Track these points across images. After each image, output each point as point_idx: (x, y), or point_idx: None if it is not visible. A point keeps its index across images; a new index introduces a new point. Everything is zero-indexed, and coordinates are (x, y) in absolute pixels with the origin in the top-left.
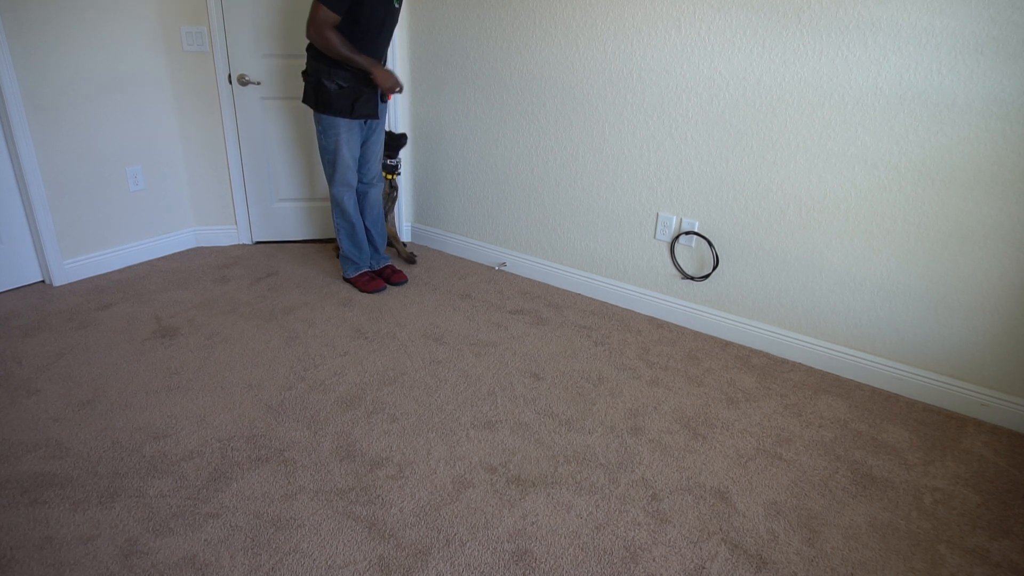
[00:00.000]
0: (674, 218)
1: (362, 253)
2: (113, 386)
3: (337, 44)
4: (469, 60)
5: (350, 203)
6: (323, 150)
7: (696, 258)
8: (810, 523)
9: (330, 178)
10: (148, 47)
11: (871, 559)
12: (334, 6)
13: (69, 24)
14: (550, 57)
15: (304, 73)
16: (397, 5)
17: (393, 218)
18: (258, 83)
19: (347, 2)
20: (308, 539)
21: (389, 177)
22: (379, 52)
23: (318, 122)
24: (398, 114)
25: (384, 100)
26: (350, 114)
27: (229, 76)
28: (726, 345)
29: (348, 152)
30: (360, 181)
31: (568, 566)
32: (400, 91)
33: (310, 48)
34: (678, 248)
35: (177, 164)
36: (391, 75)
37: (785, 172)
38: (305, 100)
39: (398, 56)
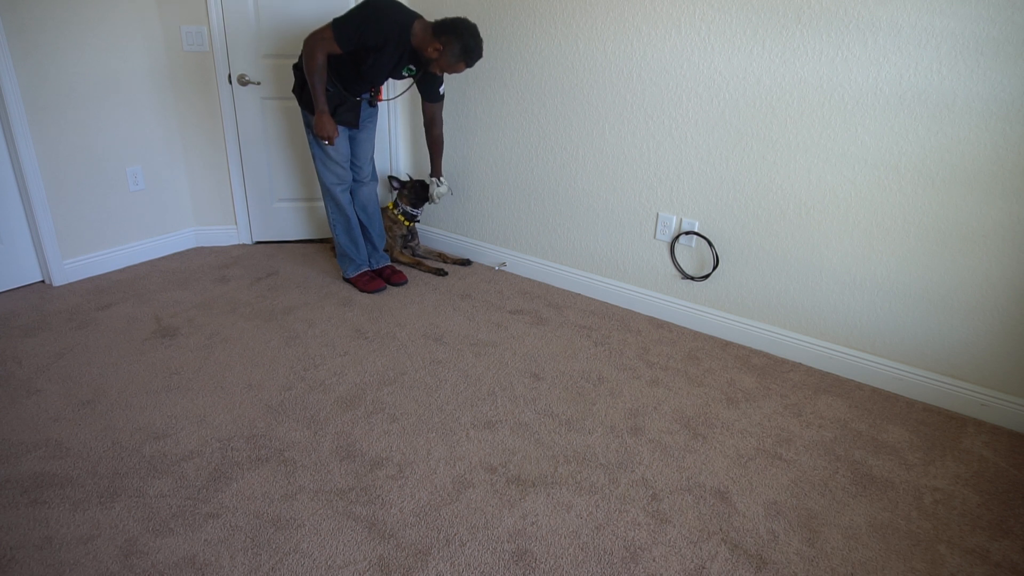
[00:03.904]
0: (674, 218)
1: (359, 250)
2: (113, 386)
3: (316, 69)
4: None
5: (343, 197)
6: (311, 145)
7: (696, 258)
8: (810, 523)
9: (320, 172)
10: (148, 47)
11: (871, 559)
12: (341, 40)
13: (69, 24)
14: (550, 57)
15: (295, 67)
16: (406, 75)
17: (415, 247)
18: (258, 83)
19: (353, 44)
20: (308, 539)
21: (408, 224)
22: (367, 91)
23: (305, 118)
24: (397, 114)
25: (372, 104)
26: (331, 117)
27: (229, 76)
28: (726, 345)
29: (336, 152)
30: (353, 179)
31: (568, 566)
32: (330, 143)
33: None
34: (678, 248)
35: (177, 164)
36: (327, 126)
37: (785, 172)
38: (293, 91)
39: None
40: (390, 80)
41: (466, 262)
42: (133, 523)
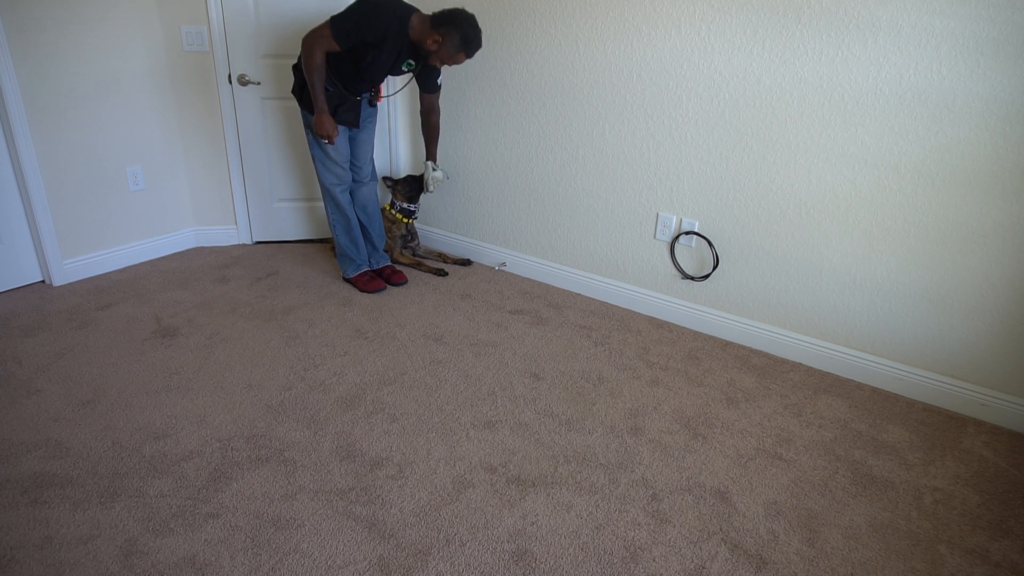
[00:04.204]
0: (674, 218)
1: (359, 250)
2: (113, 386)
3: (315, 68)
4: (469, 60)
5: (343, 197)
6: (311, 145)
7: (696, 258)
8: (810, 523)
9: (320, 173)
10: (148, 47)
11: (871, 559)
12: (340, 37)
13: (69, 24)
14: (550, 57)
15: (295, 68)
16: (406, 69)
17: (416, 246)
18: (258, 83)
19: (352, 41)
20: (308, 539)
21: (406, 221)
22: (367, 90)
23: (305, 118)
24: (398, 114)
25: (372, 104)
26: (331, 117)
27: (229, 76)
28: (726, 345)
29: (336, 152)
30: (353, 179)
31: (568, 566)
32: (330, 143)
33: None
34: (678, 248)
35: (177, 164)
36: (327, 125)
37: (785, 172)
38: (293, 91)
39: None
40: (389, 78)
41: (466, 262)
42: (133, 523)
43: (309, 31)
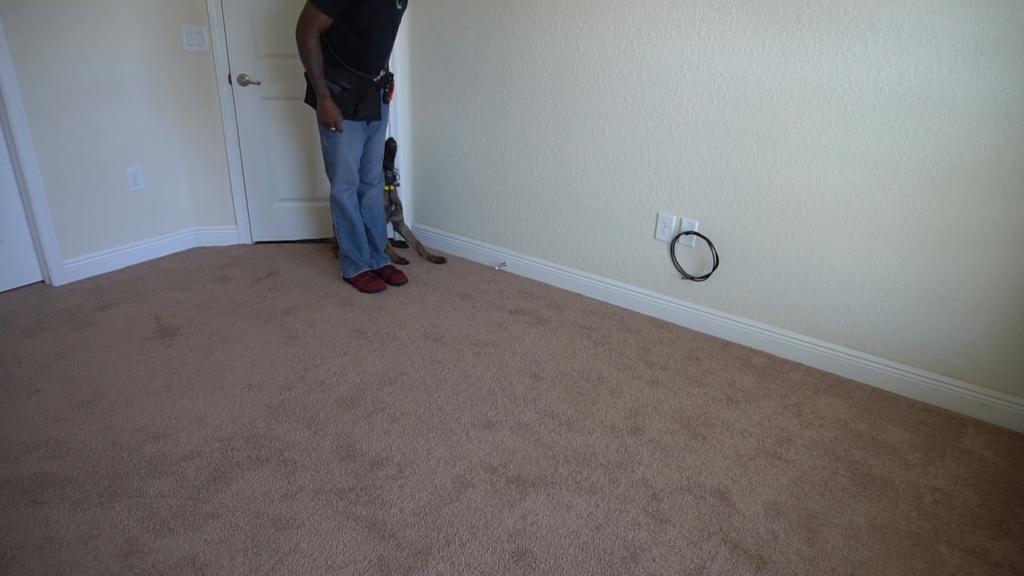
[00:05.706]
0: (674, 218)
1: (362, 253)
2: (113, 386)
3: (311, 53)
4: (469, 60)
5: (350, 202)
6: (325, 151)
7: (696, 258)
8: (810, 523)
9: (331, 177)
10: (148, 47)
11: (871, 559)
12: (326, 7)
13: (69, 24)
14: (550, 57)
15: (307, 74)
16: (400, 7)
17: (399, 222)
18: (258, 83)
19: (339, 6)
20: (308, 539)
21: (388, 188)
22: (382, 57)
23: (321, 123)
24: (398, 114)
25: (386, 100)
26: (353, 116)
27: (229, 76)
28: (726, 345)
29: (350, 152)
30: (361, 180)
31: (568, 566)
32: (335, 130)
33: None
34: (678, 248)
35: (177, 164)
36: (331, 111)
37: (785, 172)
38: (307, 100)
39: (398, 56)
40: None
41: (441, 260)
42: (133, 523)
43: (297, 23)
